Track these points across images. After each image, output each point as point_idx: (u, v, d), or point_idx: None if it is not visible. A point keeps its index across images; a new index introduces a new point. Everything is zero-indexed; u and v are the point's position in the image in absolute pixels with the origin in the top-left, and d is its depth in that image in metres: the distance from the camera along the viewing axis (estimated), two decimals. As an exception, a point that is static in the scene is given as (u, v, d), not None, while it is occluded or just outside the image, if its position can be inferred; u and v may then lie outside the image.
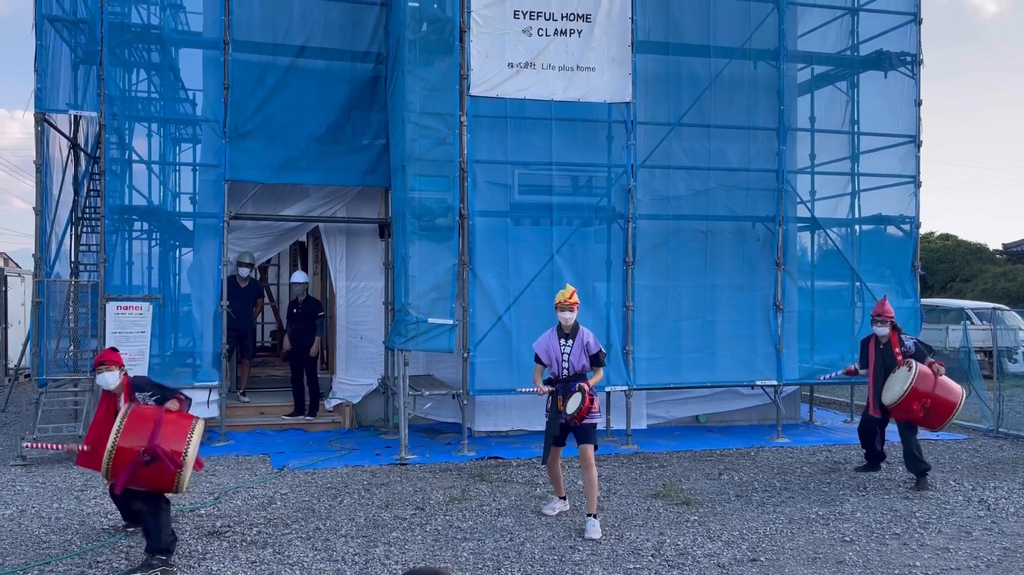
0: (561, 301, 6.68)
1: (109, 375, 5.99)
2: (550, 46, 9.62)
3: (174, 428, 5.60)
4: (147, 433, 5.48)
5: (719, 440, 10.18)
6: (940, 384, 7.75)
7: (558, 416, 6.63)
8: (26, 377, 12.55)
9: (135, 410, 5.64)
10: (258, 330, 15.12)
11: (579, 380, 6.61)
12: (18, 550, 5.95)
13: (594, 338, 6.74)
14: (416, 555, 5.86)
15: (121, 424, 5.51)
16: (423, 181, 9.11)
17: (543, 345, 6.75)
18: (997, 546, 6.15)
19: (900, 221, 11.18)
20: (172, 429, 5.59)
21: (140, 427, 5.52)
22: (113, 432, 5.49)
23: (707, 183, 10.46)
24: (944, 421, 7.90)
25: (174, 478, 5.53)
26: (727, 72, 10.38)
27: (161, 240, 11.35)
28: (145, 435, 5.47)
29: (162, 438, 5.49)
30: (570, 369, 6.63)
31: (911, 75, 11.03)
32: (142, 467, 5.44)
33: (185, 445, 5.55)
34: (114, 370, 6.01)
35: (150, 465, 5.44)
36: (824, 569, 5.65)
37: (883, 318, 8.20)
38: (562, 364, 6.65)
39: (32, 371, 9.86)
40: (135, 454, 5.42)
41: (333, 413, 10.97)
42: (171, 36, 10.70)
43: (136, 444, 5.44)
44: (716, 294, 10.47)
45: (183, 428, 5.64)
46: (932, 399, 7.69)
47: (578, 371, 6.64)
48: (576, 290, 6.80)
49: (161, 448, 5.44)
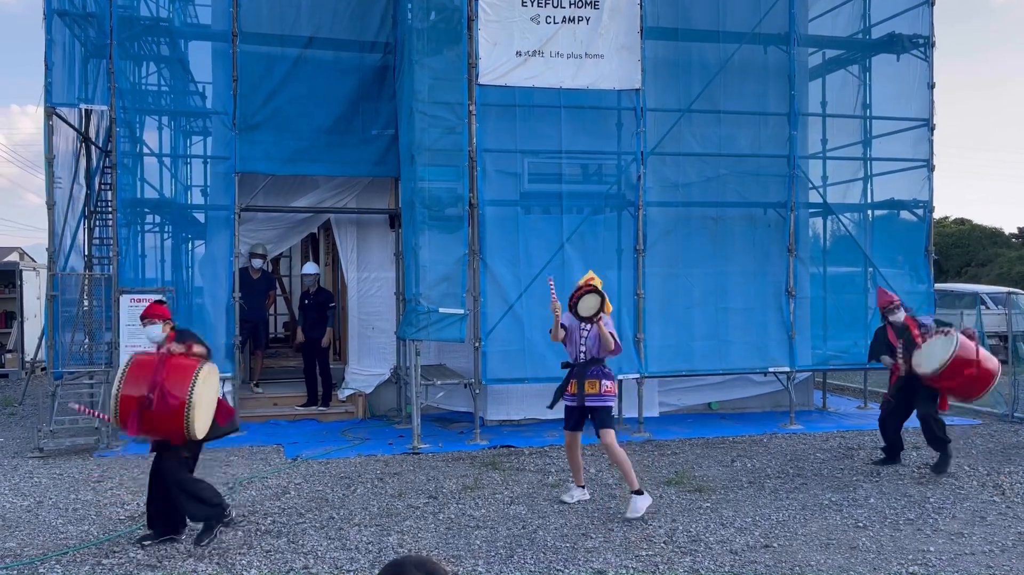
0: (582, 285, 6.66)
1: (152, 328, 5.95)
2: (558, 33, 9.58)
3: (178, 370, 5.56)
4: (150, 378, 5.46)
5: (731, 427, 10.16)
6: (983, 355, 7.57)
7: (573, 399, 6.66)
8: (42, 370, 12.66)
9: (138, 358, 5.64)
10: (271, 322, 15.20)
11: (595, 365, 6.64)
12: (36, 541, 6.02)
13: (610, 322, 6.76)
14: (429, 543, 5.89)
15: (125, 370, 5.51)
16: (432, 171, 9.11)
17: (569, 323, 6.73)
18: (1012, 531, 6.12)
19: (913, 206, 11.09)
20: (176, 372, 5.55)
21: (143, 374, 5.50)
22: (116, 379, 5.49)
23: (718, 169, 10.42)
24: (983, 391, 7.70)
25: (183, 420, 5.45)
26: (737, 57, 10.30)
27: (173, 233, 11.41)
28: (149, 380, 5.45)
29: (165, 378, 5.47)
30: (587, 353, 6.66)
31: (924, 58, 10.92)
32: (148, 409, 5.41)
33: (190, 384, 5.48)
34: (157, 323, 5.96)
35: (156, 406, 5.40)
36: (837, 555, 5.64)
37: (895, 305, 8.10)
38: (580, 348, 6.68)
39: (48, 364, 9.94)
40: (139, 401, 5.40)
41: (346, 403, 11.01)
42: (180, 29, 10.72)
43: (140, 392, 5.43)
44: (727, 281, 10.43)
45: (187, 370, 5.58)
46: (977, 367, 7.46)
47: (594, 355, 6.65)
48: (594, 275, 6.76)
49: (162, 387, 5.42)
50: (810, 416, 10.98)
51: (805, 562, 5.49)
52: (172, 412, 5.46)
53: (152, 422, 5.50)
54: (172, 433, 5.60)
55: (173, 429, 5.55)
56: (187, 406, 5.47)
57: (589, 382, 6.61)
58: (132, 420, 5.46)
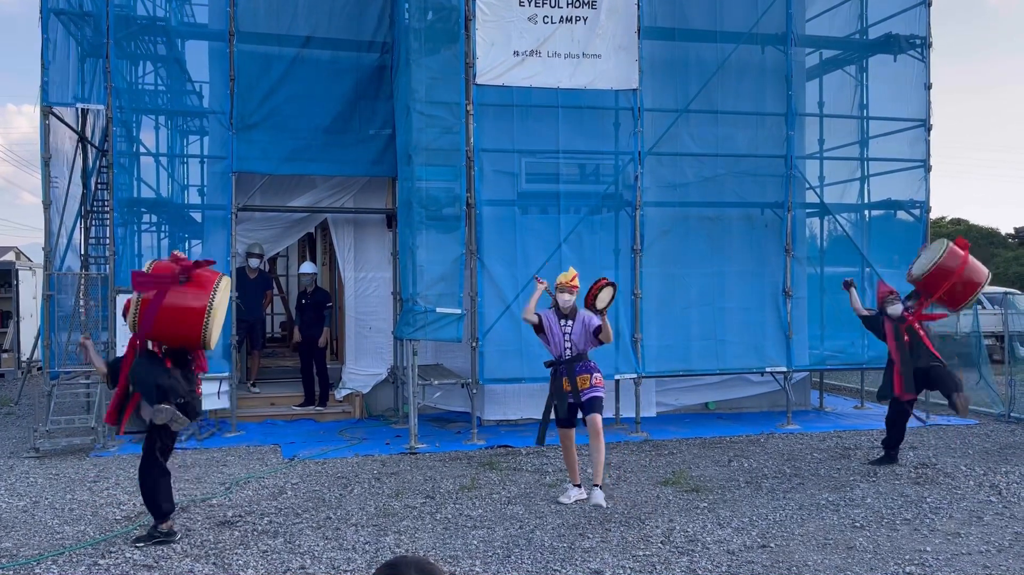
0: (563, 282, 6.69)
1: None
2: (556, 33, 9.58)
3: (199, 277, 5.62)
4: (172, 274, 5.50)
5: (729, 427, 10.16)
6: (969, 263, 7.74)
7: (566, 396, 6.66)
8: (38, 370, 12.64)
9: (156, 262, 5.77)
10: (268, 321, 15.18)
11: (582, 360, 6.64)
12: (32, 541, 6.00)
13: (591, 314, 6.76)
14: (426, 543, 5.88)
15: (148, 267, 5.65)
16: (430, 171, 9.10)
17: (547, 317, 6.75)
18: (1008, 531, 6.13)
19: (910, 206, 11.11)
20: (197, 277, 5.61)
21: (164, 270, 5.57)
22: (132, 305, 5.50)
23: (715, 169, 10.42)
24: (966, 301, 7.99)
25: (202, 324, 5.46)
26: (734, 57, 10.31)
27: (170, 232, 11.39)
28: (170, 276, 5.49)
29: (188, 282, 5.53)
30: (573, 349, 6.67)
31: (921, 58, 10.93)
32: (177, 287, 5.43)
33: (211, 289, 5.56)
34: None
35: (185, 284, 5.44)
36: (834, 555, 5.64)
37: (893, 296, 8.12)
38: (564, 345, 6.67)
39: (44, 364, 9.92)
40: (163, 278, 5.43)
41: (343, 403, 11.01)
42: (177, 28, 10.70)
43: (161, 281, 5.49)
44: (725, 281, 10.43)
45: (208, 277, 5.64)
46: (958, 278, 7.69)
47: (581, 351, 6.66)
48: (578, 274, 6.81)
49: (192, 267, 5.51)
50: (807, 416, 10.99)
51: (802, 562, 5.50)
52: (193, 313, 5.44)
53: (170, 322, 5.46)
54: (188, 339, 5.56)
55: (191, 335, 5.52)
56: (208, 310, 5.46)
57: (581, 378, 6.65)
58: (150, 312, 5.40)
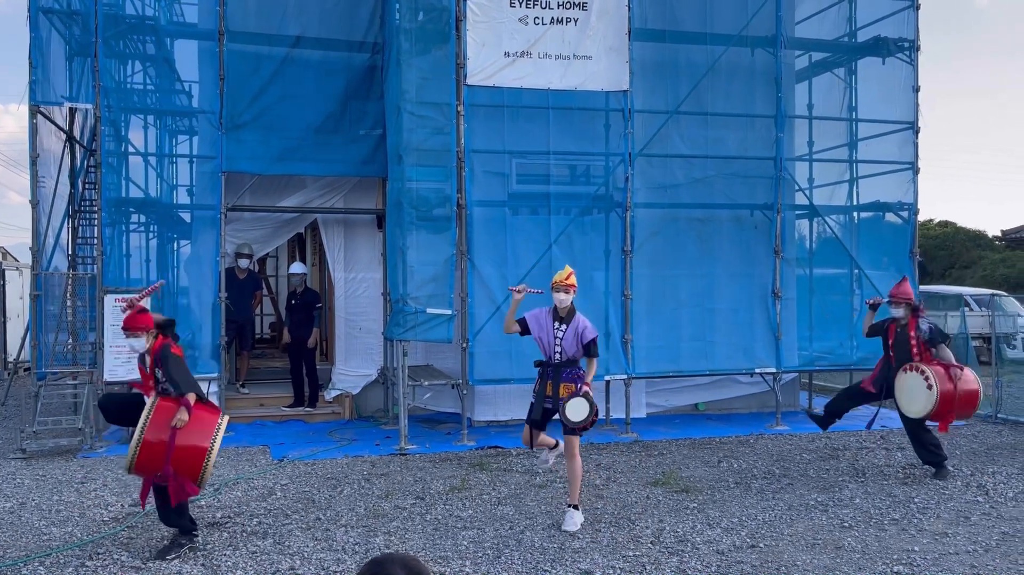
0: (557, 281, 6.37)
1: (136, 341, 5.80)
2: (547, 34, 9.58)
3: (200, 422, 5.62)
4: (162, 456, 5.49)
5: (718, 428, 10.19)
6: (961, 384, 7.57)
7: (544, 400, 6.42)
8: (25, 370, 12.55)
9: (160, 403, 5.62)
10: (257, 322, 15.13)
11: (571, 366, 6.37)
12: (19, 543, 5.96)
13: (590, 325, 6.44)
14: (416, 544, 5.87)
15: (148, 416, 5.51)
16: (420, 171, 9.09)
17: (536, 317, 6.45)
18: (996, 531, 6.17)
19: (898, 208, 11.17)
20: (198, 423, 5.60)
21: (165, 420, 5.54)
22: (140, 423, 5.49)
23: (705, 171, 10.45)
24: (972, 412, 7.97)
25: (200, 469, 5.58)
26: (724, 59, 10.34)
27: (159, 232, 11.32)
28: (160, 458, 5.49)
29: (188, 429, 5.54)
30: (563, 354, 6.36)
31: (909, 61, 11.00)
32: (167, 453, 5.49)
33: (212, 436, 5.62)
34: (141, 336, 5.77)
35: (176, 456, 5.50)
36: (823, 555, 5.66)
37: (898, 300, 7.90)
38: (554, 348, 6.38)
39: (31, 364, 9.86)
40: (161, 449, 5.47)
41: (333, 404, 10.98)
42: (166, 27, 10.64)
43: (161, 437, 5.49)
44: (714, 282, 10.46)
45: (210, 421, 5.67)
46: (959, 403, 7.56)
47: (570, 357, 6.38)
48: (574, 272, 6.60)
49: (175, 473, 5.53)
50: (796, 417, 11.01)
51: (791, 562, 5.52)
52: (193, 462, 5.54)
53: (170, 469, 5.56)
54: (186, 480, 5.65)
55: (189, 478, 5.62)
56: (207, 456, 5.57)
57: (565, 386, 6.33)
58: (150, 466, 5.50)
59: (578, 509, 6.36)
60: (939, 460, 7.80)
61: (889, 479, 7.73)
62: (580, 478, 6.43)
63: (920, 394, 7.60)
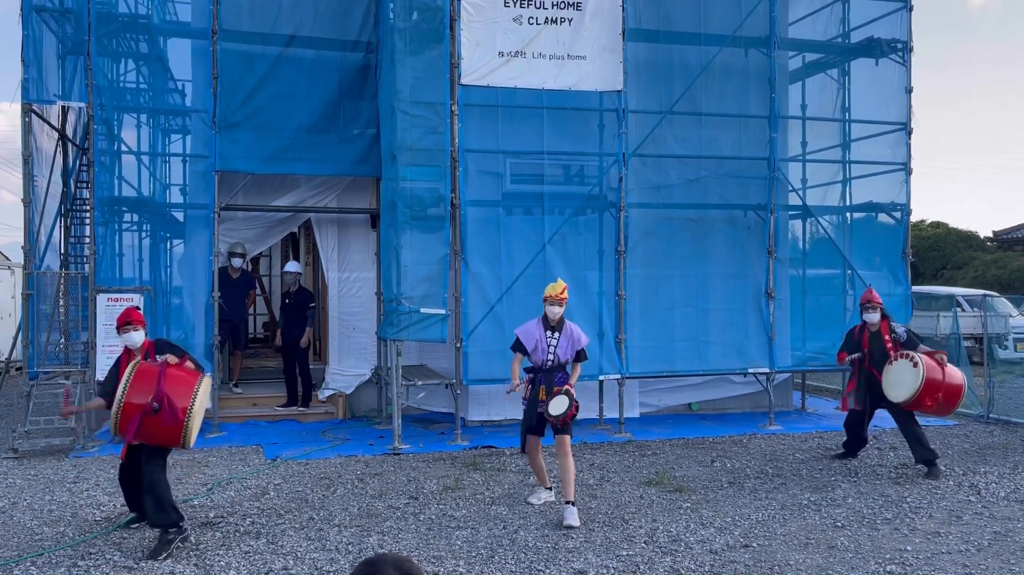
0: (551, 295, 6.61)
1: (135, 334, 6.04)
2: (541, 34, 9.58)
3: (180, 382, 5.68)
4: (153, 387, 5.55)
5: (711, 428, 10.21)
6: (948, 374, 7.71)
7: (537, 405, 6.57)
8: (17, 370, 12.50)
9: (141, 366, 5.70)
10: (250, 321, 15.09)
11: (561, 371, 6.58)
12: (10, 542, 5.94)
13: (581, 332, 6.74)
14: (410, 544, 5.86)
15: (129, 378, 5.57)
16: (414, 171, 9.08)
17: (528, 332, 6.67)
18: (988, 530, 6.19)
19: (891, 208, 11.20)
20: (178, 383, 5.66)
21: (146, 382, 5.58)
22: (120, 387, 5.55)
23: (699, 171, 10.46)
24: (954, 408, 7.95)
25: (181, 430, 5.60)
26: (718, 60, 10.36)
27: (151, 232, 11.30)
28: (151, 389, 5.54)
29: (168, 389, 5.57)
30: (555, 360, 6.59)
31: (902, 62, 11.03)
32: (149, 416, 5.51)
33: (191, 398, 5.62)
34: (140, 329, 6.07)
35: (158, 414, 5.51)
36: (816, 554, 5.68)
37: (873, 304, 8.15)
38: (547, 355, 6.59)
39: (23, 364, 9.81)
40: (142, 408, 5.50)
41: (326, 404, 10.96)
42: (159, 26, 10.64)
43: (142, 400, 5.52)
44: (708, 282, 10.48)
45: (189, 382, 5.71)
46: (944, 391, 7.64)
47: (562, 363, 6.62)
48: (567, 286, 6.74)
49: (167, 396, 5.52)
50: (789, 417, 11.05)
51: (784, 561, 5.53)
52: (174, 421, 5.57)
53: (152, 429, 5.59)
54: (168, 440, 5.71)
55: (171, 437, 5.67)
56: (188, 415, 5.59)
57: (557, 390, 6.50)
58: (132, 426, 5.54)
59: (574, 505, 6.40)
60: (933, 457, 7.84)
61: (882, 479, 7.75)
62: (573, 475, 6.53)
63: (907, 376, 7.71)
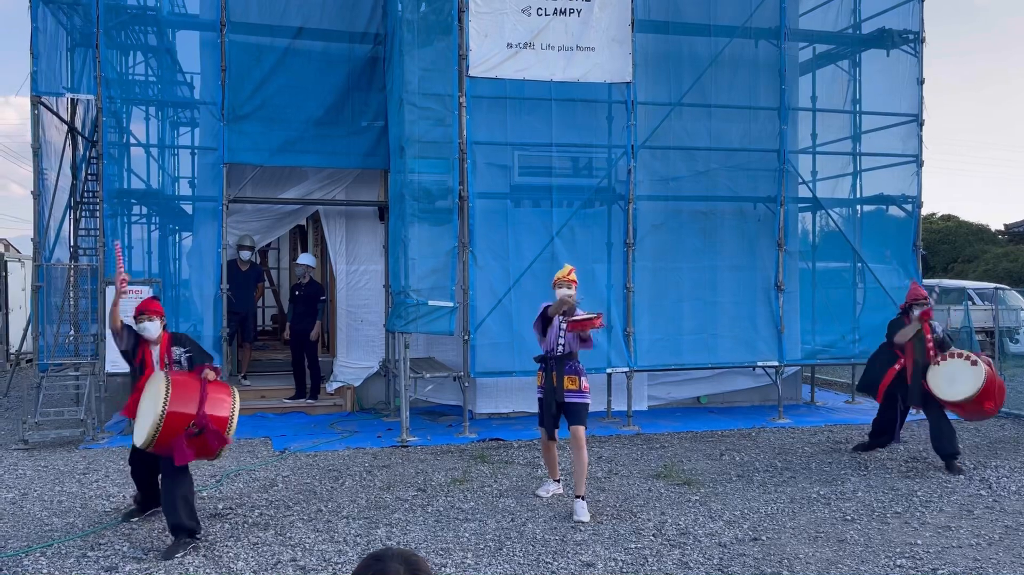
0: (560, 278, 6.61)
1: (151, 325, 6.01)
2: (549, 26, 9.54)
3: (219, 404, 5.65)
4: (194, 402, 5.51)
5: (720, 421, 10.18)
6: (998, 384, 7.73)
7: (553, 393, 6.58)
8: (27, 362, 12.56)
9: (176, 378, 5.64)
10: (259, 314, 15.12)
11: (571, 359, 6.57)
12: (20, 533, 5.96)
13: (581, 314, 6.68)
14: (418, 536, 5.87)
15: (168, 392, 5.48)
16: (422, 163, 9.07)
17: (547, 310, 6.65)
18: (999, 524, 6.15)
19: (902, 201, 11.12)
20: (217, 404, 5.63)
21: (186, 396, 5.53)
22: (161, 401, 5.45)
23: (708, 163, 10.42)
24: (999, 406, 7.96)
25: (217, 450, 5.65)
26: (728, 51, 10.29)
27: (160, 224, 11.32)
28: (192, 403, 5.50)
29: (211, 409, 5.56)
30: (565, 347, 6.58)
31: (913, 53, 10.94)
32: (191, 438, 5.49)
33: (229, 419, 5.63)
34: (156, 320, 6.04)
35: (198, 437, 5.50)
36: (825, 548, 5.65)
37: (924, 300, 7.89)
38: (557, 342, 6.59)
39: (33, 356, 9.86)
40: (184, 424, 5.45)
41: (334, 396, 10.98)
42: (168, 18, 10.63)
43: (184, 414, 5.47)
44: (717, 275, 10.44)
45: (225, 401, 5.68)
46: (1000, 392, 7.67)
47: (572, 351, 6.60)
48: (575, 268, 6.76)
49: (211, 419, 5.50)
50: (798, 410, 11.02)
51: (793, 555, 5.51)
52: (219, 440, 5.60)
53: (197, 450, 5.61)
54: (206, 456, 5.75)
55: (210, 454, 5.71)
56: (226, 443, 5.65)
57: (569, 378, 6.51)
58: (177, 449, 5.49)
59: (585, 499, 6.39)
60: (955, 452, 7.78)
61: (892, 472, 7.72)
62: (586, 470, 6.52)
63: (965, 375, 7.61)
